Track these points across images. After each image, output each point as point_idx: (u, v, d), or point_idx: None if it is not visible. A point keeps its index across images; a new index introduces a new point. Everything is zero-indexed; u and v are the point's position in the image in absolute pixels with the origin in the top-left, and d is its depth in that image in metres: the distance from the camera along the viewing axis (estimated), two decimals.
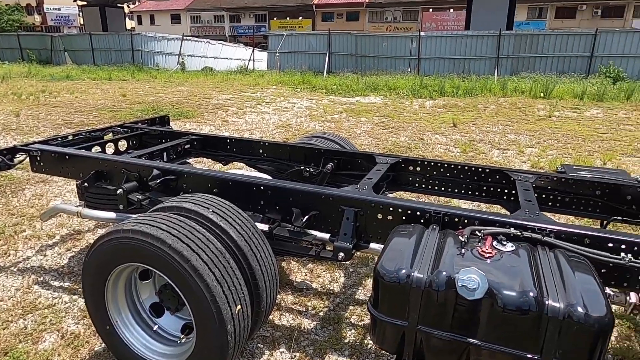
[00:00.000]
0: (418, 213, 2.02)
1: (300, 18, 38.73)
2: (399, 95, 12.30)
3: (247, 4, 41.91)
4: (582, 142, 7.09)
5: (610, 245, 1.77)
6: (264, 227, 2.31)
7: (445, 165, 2.86)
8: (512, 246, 1.69)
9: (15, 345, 2.39)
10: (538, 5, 32.47)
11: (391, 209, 2.08)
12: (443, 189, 2.89)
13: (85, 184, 2.69)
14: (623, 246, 1.75)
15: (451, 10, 32.82)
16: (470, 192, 2.83)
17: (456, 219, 1.96)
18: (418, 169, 2.91)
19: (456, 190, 2.87)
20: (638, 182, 2.59)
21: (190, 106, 10.47)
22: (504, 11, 19.12)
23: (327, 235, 2.27)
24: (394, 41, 17.09)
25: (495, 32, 15.77)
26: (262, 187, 2.33)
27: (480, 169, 2.78)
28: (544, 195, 2.63)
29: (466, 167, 2.82)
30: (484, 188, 2.79)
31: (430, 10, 33.94)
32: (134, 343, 2.11)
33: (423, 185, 2.95)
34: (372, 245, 2.20)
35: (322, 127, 8.30)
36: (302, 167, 3.14)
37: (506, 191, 2.73)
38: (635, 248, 1.73)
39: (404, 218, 2.06)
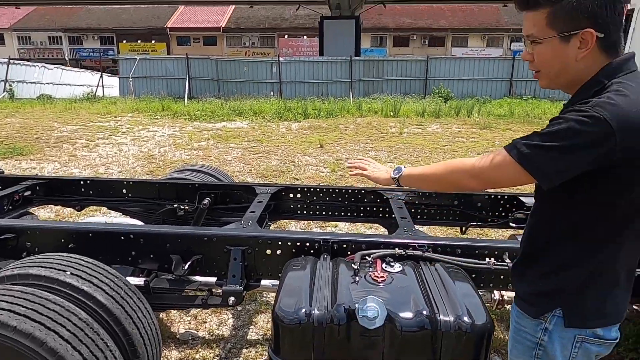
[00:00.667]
0: (307, 244, 1.99)
1: (153, 41, 36.69)
2: (265, 119, 12.44)
3: (89, 25, 38.09)
4: (429, 154, 8.07)
5: (477, 252, 1.98)
6: (139, 281, 2.02)
7: (324, 189, 2.92)
8: (399, 266, 1.77)
9: None
10: (379, 35, 36.61)
11: (280, 243, 2.01)
12: (324, 213, 2.94)
13: None
14: (486, 252, 1.97)
15: (305, 37, 34.84)
16: (349, 214, 2.93)
17: (344, 246, 1.98)
18: (299, 195, 2.91)
19: (336, 213, 2.95)
20: (484, 190, 3.00)
21: (26, 141, 8.95)
22: (351, 39, 21.01)
23: (213, 280, 2.09)
24: (255, 66, 17.35)
25: (346, 58, 17.18)
26: (132, 236, 2.04)
27: (356, 191, 2.91)
28: (413, 210, 2.86)
29: (343, 190, 2.92)
30: (362, 208, 2.91)
31: (286, 36, 35.50)
32: None
33: (305, 212, 2.96)
34: (264, 282, 2.10)
35: (189, 156, 7.88)
36: (175, 205, 2.88)
37: (381, 209, 2.89)
38: (496, 252, 1.96)
39: (293, 251, 2.01)
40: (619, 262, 1.20)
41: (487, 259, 1.92)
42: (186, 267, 1.99)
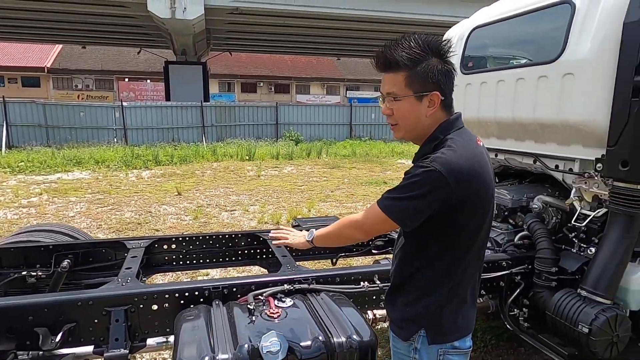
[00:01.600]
0: (197, 293, 1.98)
1: None
2: (110, 168, 11.41)
3: None
4: (289, 195, 8.48)
5: (353, 278, 2.24)
6: None
7: (201, 237, 2.90)
8: (290, 301, 1.90)
9: None
10: (226, 81, 37.28)
11: (167, 296, 1.96)
12: (202, 261, 2.91)
13: None
14: (360, 277, 2.25)
15: (148, 81, 33.30)
16: (227, 259, 2.96)
17: (235, 289, 2.03)
18: (174, 246, 2.83)
19: (214, 260, 2.94)
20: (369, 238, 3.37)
21: None
22: (199, 84, 21.07)
23: (90, 348, 1.89)
24: (93, 111, 15.84)
25: (197, 103, 17.05)
26: None
27: (233, 235, 2.97)
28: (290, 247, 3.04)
29: (220, 236, 2.94)
30: (240, 252, 2.98)
31: (127, 79, 33.37)
32: None
33: (180, 262, 2.89)
34: (150, 341, 1.98)
35: (18, 215, 6.73)
36: (24, 273, 2.50)
37: (259, 251, 3.00)
38: (368, 276, 2.25)
39: (182, 302, 1.97)
40: (462, 285, 1.52)
41: (362, 283, 2.20)
42: (57, 339, 1.77)
